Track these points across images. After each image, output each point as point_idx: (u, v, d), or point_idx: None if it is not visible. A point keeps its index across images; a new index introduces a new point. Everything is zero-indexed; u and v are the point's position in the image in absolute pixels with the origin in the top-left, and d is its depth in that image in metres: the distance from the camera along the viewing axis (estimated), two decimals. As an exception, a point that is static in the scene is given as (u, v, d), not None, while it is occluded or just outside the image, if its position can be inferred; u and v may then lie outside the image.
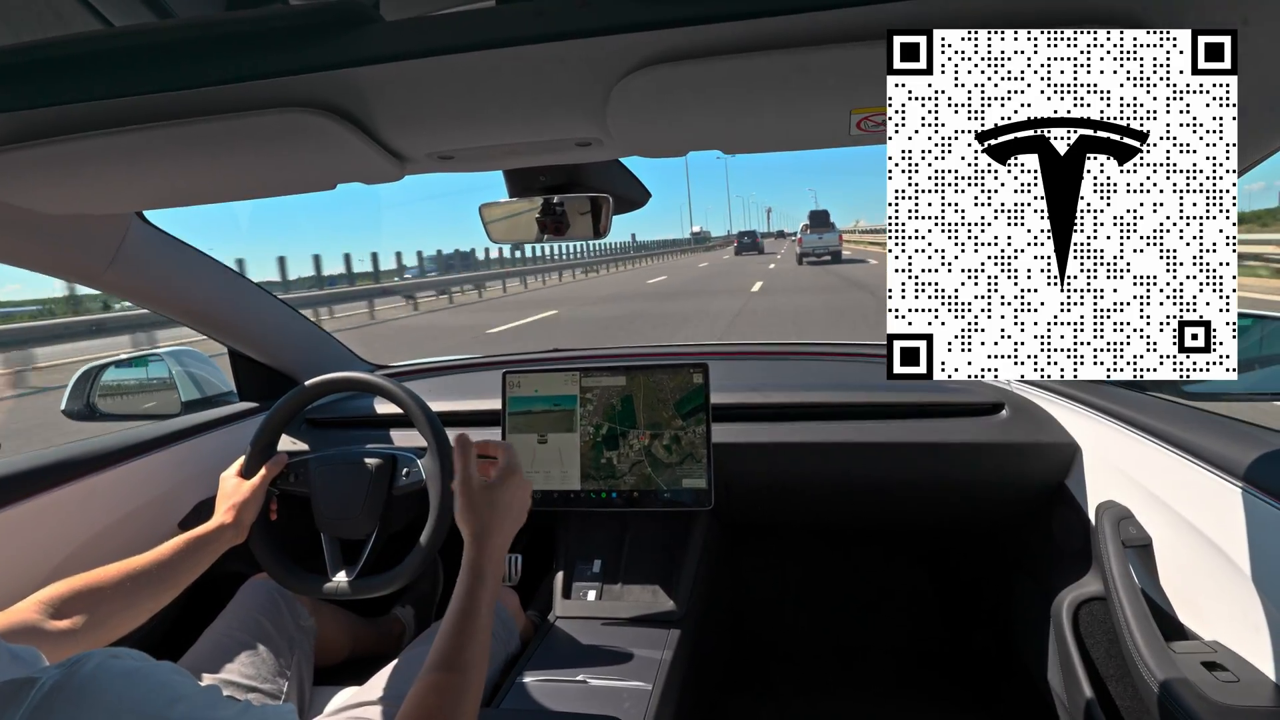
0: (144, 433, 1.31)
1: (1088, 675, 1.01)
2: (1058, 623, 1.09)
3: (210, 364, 1.66)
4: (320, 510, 1.19)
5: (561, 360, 1.79)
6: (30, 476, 1.08)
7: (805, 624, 1.85)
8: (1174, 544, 0.90)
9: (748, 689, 1.65)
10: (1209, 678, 0.74)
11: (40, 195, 0.86)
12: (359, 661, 1.31)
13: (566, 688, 1.01)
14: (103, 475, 1.19)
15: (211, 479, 1.17)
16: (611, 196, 1.04)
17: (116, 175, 0.81)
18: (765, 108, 0.68)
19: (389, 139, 0.74)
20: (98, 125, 0.69)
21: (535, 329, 10.73)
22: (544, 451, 1.30)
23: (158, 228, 1.18)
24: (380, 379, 1.18)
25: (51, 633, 0.78)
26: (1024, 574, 1.32)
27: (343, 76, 0.62)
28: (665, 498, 1.24)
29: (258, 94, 0.65)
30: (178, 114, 0.67)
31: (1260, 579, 0.74)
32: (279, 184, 0.89)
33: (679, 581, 1.23)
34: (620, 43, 0.57)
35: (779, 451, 1.31)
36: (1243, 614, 0.76)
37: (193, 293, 1.31)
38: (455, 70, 0.61)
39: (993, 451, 1.23)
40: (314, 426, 1.51)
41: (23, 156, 0.73)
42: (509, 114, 0.70)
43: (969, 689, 1.60)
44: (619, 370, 1.30)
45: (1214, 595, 0.81)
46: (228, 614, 1.13)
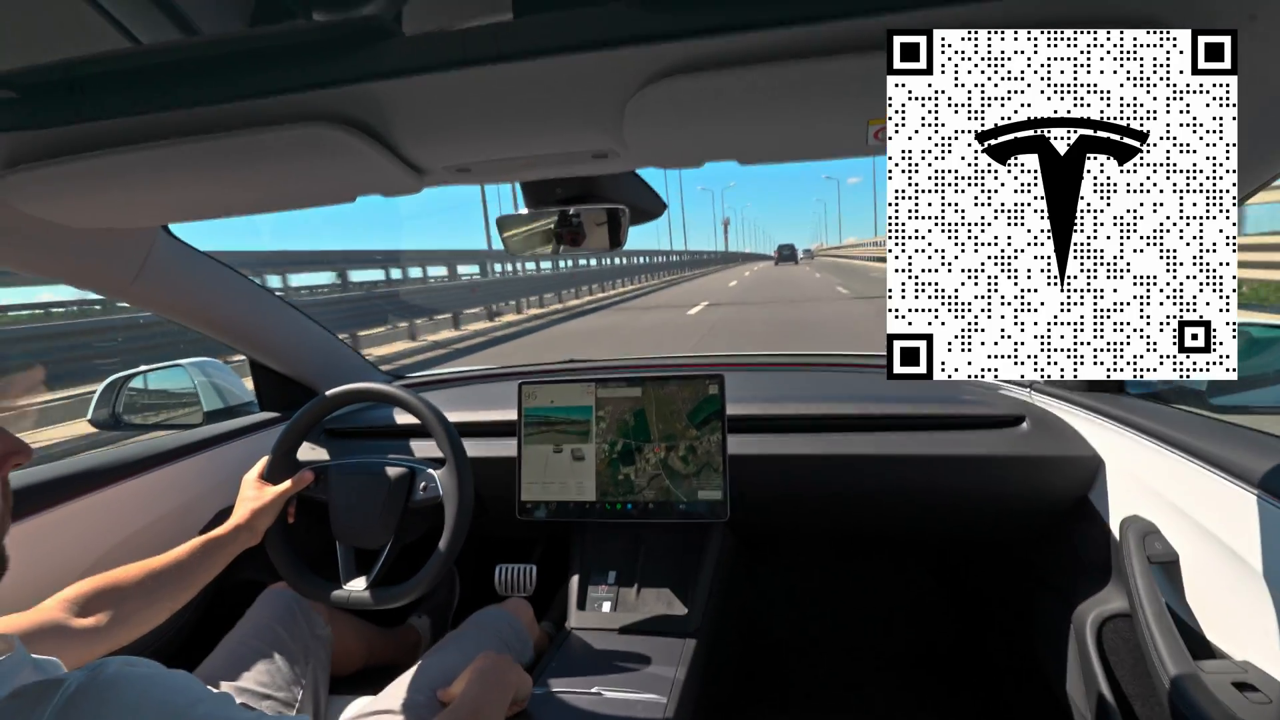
0: (167, 442, 1.33)
1: (1113, 694, 0.99)
2: (1080, 639, 1.06)
3: (232, 374, 1.68)
4: (337, 518, 1.20)
5: (577, 371, 1.79)
6: (59, 485, 1.10)
7: (821, 635, 1.83)
8: (1202, 560, 0.87)
9: (763, 700, 1.63)
10: (1240, 699, 0.71)
11: (69, 210, 0.88)
12: (374, 671, 1.31)
13: (581, 700, 1.00)
14: (127, 483, 1.21)
15: (232, 488, 1.18)
16: (628, 208, 1.04)
17: (143, 190, 0.82)
18: (782, 118, 0.68)
19: (408, 152, 0.75)
20: (124, 141, 0.71)
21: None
22: (559, 462, 1.30)
23: (182, 241, 1.21)
24: (398, 390, 1.19)
25: (76, 630, 0.80)
26: (1045, 588, 1.29)
27: (363, 90, 0.62)
28: (681, 509, 1.24)
29: (280, 109, 0.66)
30: (202, 129, 0.69)
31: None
32: (301, 197, 0.90)
33: (694, 592, 1.22)
34: (636, 55, 0.57)
35: (795, 464, 1.30)
36: (1275, 633, 0.74)
37: (215, 304, 1.34)
38: (473, 83, 0.62)
39: (1013, 465, 1.21)
40: (332, 436, 1.53)
41: (52, 172, 0.75)
42: (526, 126, 0.71)
43: (985, 702, 1.56)
44: (634, 381, 1.29)
45: (1244, 613, 0.79)
46: (245, 622, 1.14)
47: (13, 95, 0.63)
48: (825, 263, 47.32)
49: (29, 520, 1.05)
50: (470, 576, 1.64)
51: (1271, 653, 0.75)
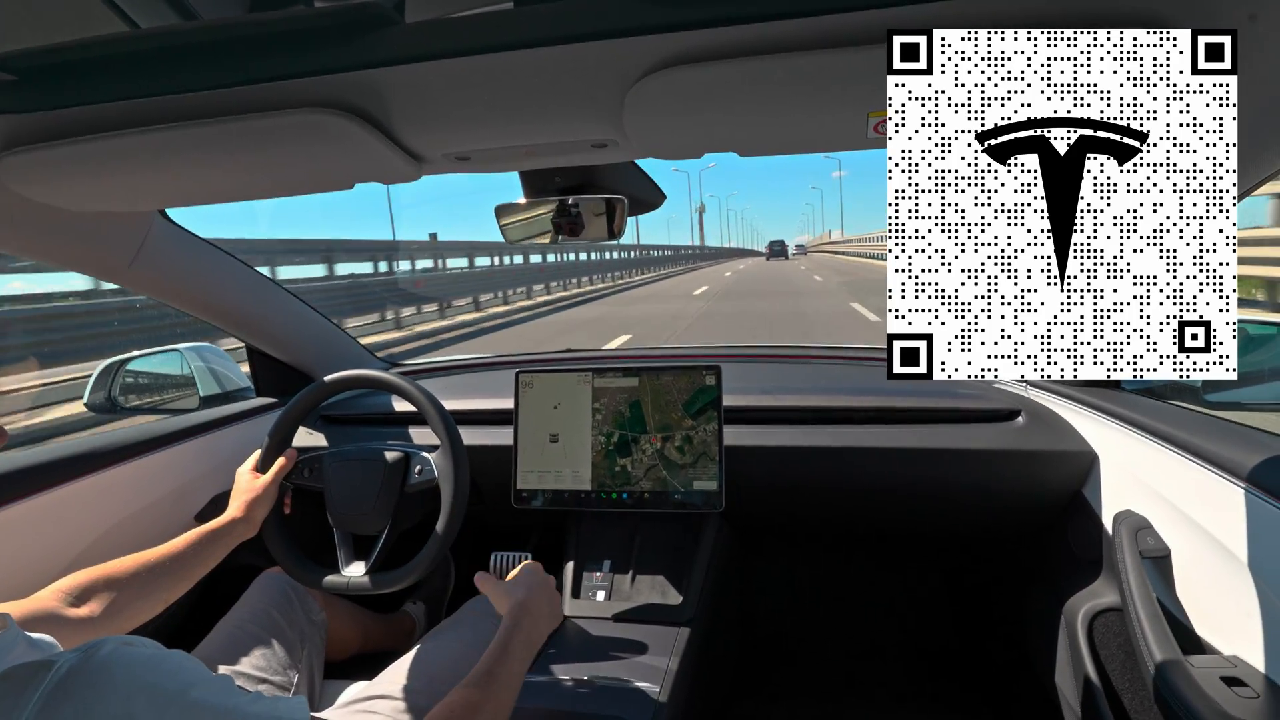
0: (162, 426, 1.33)
1: (1103, 688, 1.00)
2: (1072, 633, 1.08)
3: (228, 359, 1.68)
4: (334, 505, 1.20)
5: (574, 360, 1.79)
6: (51, 468, 1.10)
7: (815, 627, 1.84)
8: (1193, 555, 0.88)
9: (757, 692, 1.64)
10: (1229, 693, 0.72)
11: (66, 193, 0.88)
12: (369, 656, 1.32)
13: (574, 687, 1.01)
14: (122, 468, 1.21)
15: (228, 473, 1.18)
16: (626, 198, 1.04)
17: (140, 174, 0.82)
18: (782, 110, 0.67)
19: (407, 139, 0.75)
20: (122, 125, 0.70)
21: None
22: (555, 451, 1.30)
23: (179, 225, 1.20)
24: (395, 377, 1.19)
25: (71, 620, 0.80)
26: (1038, 582, 1.30)
27: (363, 77, 0.62)
28: (676, 499, 1.24)
29: (279, 94, 0.66)
30: (200, 114, 0.68)
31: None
32: (298, 183, 0.90)
33: (689, 583, 1.23)
34: (637, 45, 0.57)
35: (791, 455, 1.31)
36: (1264, 629, 0.75)
37: (213, 290, 1.33)
38: (473, 71, 0.61)
39: (1008, 459, 1.22)
40: (329, 423, 1.53)
41: (50, 155, 0.74)
42: (526, 115, 0.71)
43: (979, 695, 1.58)
44: (631, 371, 1.30)
45: (1234, 609, 0.80)
46: (241, 607, 1.14)
47: (11, 78, 0.62)
48: (823, 260, 41.68)
49: (23, 502, 1.05)
50: (466, 564, 1.65)
51: (1260, 648, 0.76)
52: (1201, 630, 0.85)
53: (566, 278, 20.60)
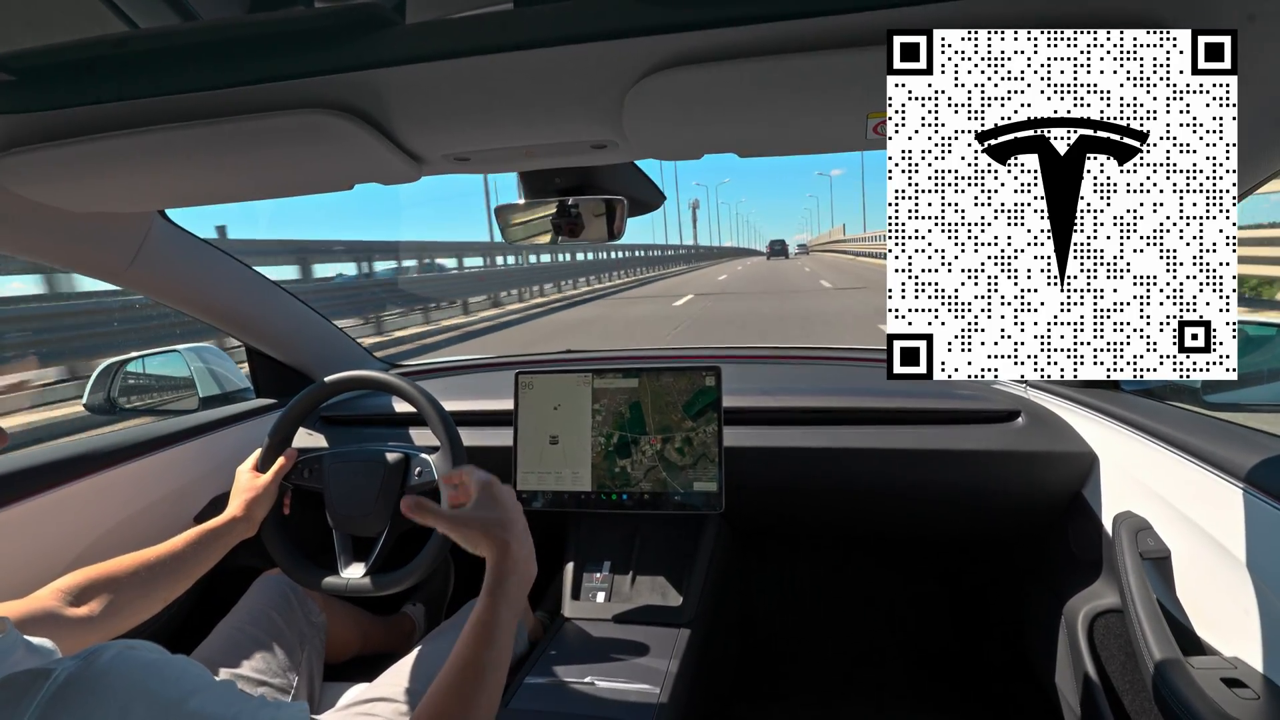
0: (162, 428, 1.33)
1: (1103, 689, 1.00)
2: (1072, 635, 1.07)
3: (228, 360, 1.68)
4: (333, 506, 1.20)
5: (574, 361, 1.79)
6: (51, 469, 1.10)
7: (815, 629, 1.84)
8: (1193, 557, 0.88)
9: (756, 693, 1.64)
10: (1229, 695, 0.72)
11: (65, 193, 0.88)
12: (369, 658, 1.31)
13: (574, 689, 1.01)
14: (121, 469, 1.21)
15: (227, 474, 1.18)
16: (626, 199, 1.04)
17: (139, 174, 0.82)
18: (781, 111, 0.67)
19: (407, 140, 0.75)
20: (122, 125, 0.70)
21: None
22: (555, 453, 1.30)
23: (179, 226, 1.20)
24: (395, 378, 1.19)
25: (70, 619, 0.80)
26: (1038, 584, 1.30)
27: (363, 78, 0.62)
28: (676, 500, 1.24)
29: (278, 95, 0.66)
30: (200, 114, 0.68)
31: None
32: (297, 184, 0.90)
33: (689, 584, 1.23)
34: (636, 46, 0.57)
35: (791, 456, 1.30)
36: (1264, 629, 0.75)
37: (212, 291, 1.33)
38: (473, 72, 0.61)
39: (1008, 460, 1.22)
40: (329, 424, 1.53)
41: (49, 155, 0.74)
42: (526, 116, 0.71)
43: (979, 697, 1.58)
44: (631, 372, 1.30)
45: (1235, 610, 0.80)
46: (240, 609, 1.14)
47: (10, 78, 0.62)
48: (826, 260, 40.50)
49: (23, 503, 1.05)
50: (465, 566, 1.65)
51: (1261, 649, 0.76)
52: (1201, 631, 0.85)
53: (510, 287, 16.20)
